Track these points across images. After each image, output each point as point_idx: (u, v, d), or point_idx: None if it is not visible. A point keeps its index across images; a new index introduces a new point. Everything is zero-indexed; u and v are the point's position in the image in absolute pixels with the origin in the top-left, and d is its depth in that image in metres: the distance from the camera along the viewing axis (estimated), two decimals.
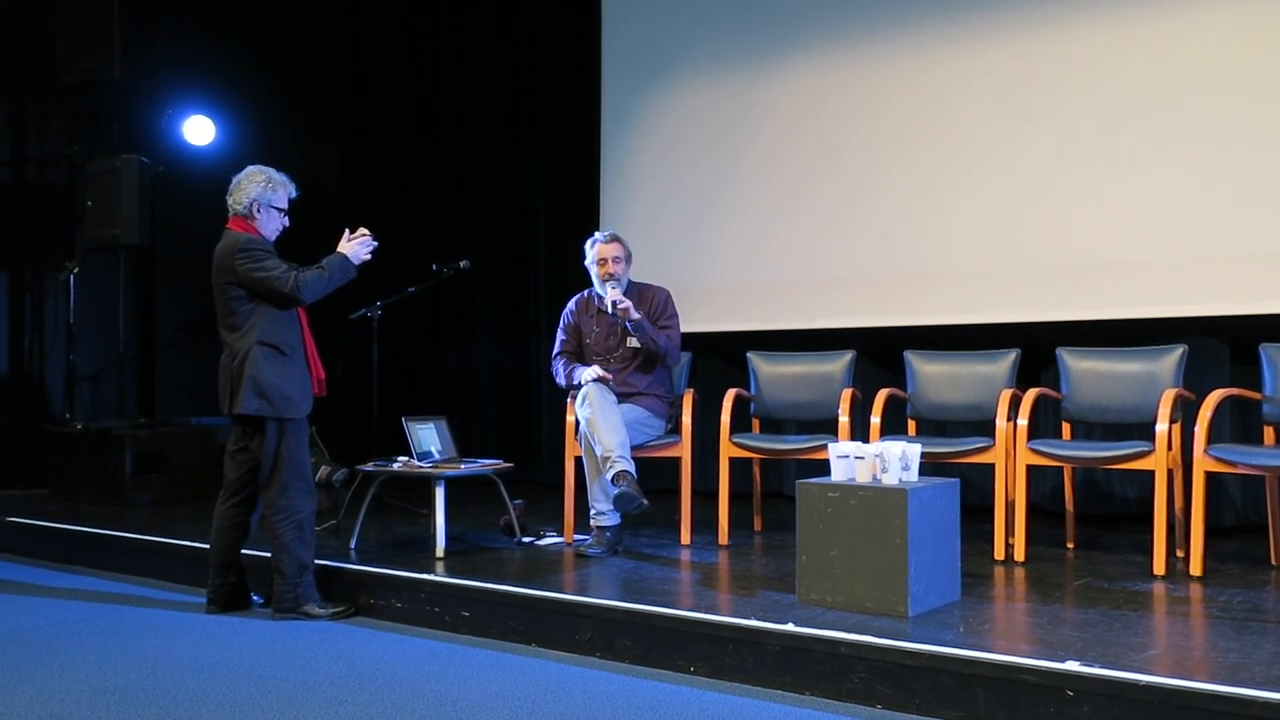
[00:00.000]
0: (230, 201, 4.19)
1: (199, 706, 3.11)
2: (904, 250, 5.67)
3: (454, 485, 4.67)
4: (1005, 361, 4.80)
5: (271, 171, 4.23)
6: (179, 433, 6.65)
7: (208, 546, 4.27)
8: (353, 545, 4.73)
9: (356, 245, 4.23)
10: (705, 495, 5.45)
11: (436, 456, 4.75)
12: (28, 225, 7.19)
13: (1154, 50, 5.03)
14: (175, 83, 7.24)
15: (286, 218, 4.26)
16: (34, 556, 5.55)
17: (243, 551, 4.27)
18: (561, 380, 4.91)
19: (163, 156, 7.06)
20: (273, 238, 4.20)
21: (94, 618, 4.20)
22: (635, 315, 4.75)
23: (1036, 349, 5.21)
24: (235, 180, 4.20)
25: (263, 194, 4.16)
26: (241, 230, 4.13)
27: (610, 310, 4.74)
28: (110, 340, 7.17)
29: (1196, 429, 4.03)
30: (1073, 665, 2.83)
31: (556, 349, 5.00)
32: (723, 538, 4.83)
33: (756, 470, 5.29)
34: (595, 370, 4.74)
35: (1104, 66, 5.15)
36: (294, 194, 4.27)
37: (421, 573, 4.15)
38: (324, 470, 7.24)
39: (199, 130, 7.09)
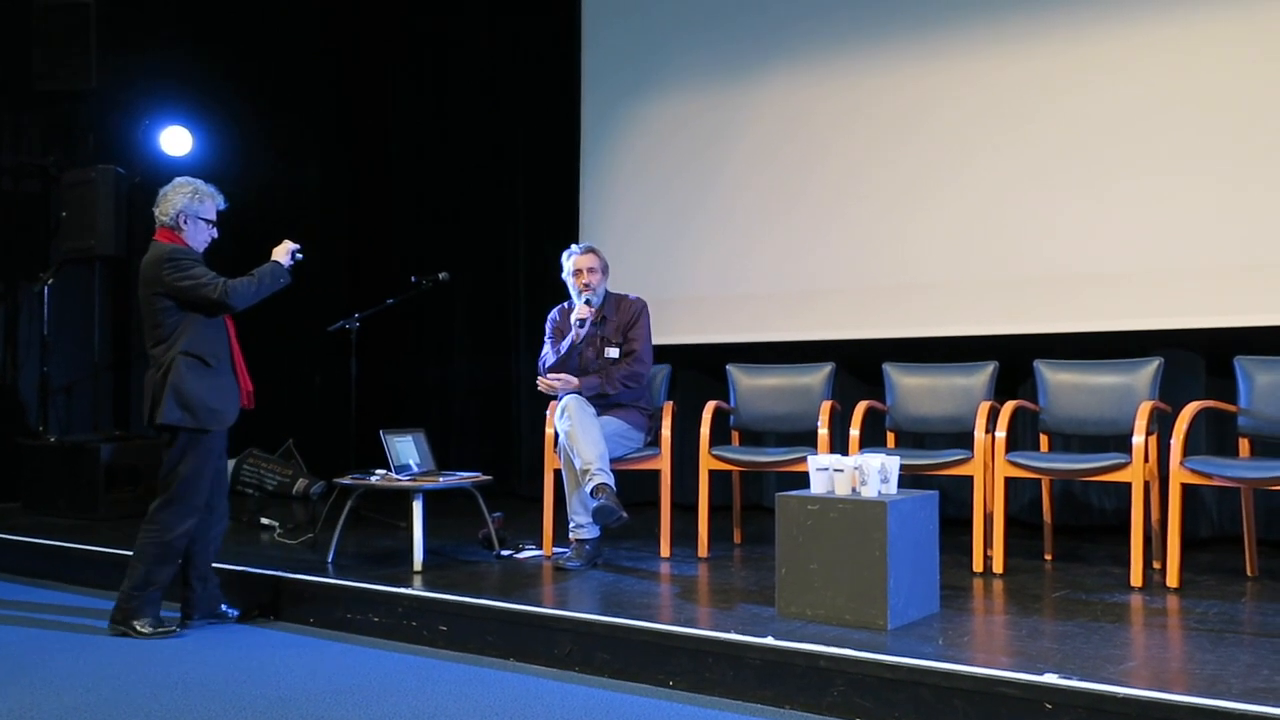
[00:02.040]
0: (156, 213, 4.13)
1: None
2: (883, 262, 5.69)
3: (432, 498, 4.65)
4: (983, 374, 4.82)
5: (199, 183, 4.17)
6: (153, 446, 6.54)
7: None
8: (329, 559, 4.69)
9: (286, 254, 4.20)
10: (685, 508, 5.44)
11: (415, 469, 4.72)
12: (2, 236, 7.12)
13: (1128, 64, 5.07)
14: (152, 94, 7.20)
15: (215, 230, 4.20)
16: (6, 571, 5.47)
17: (212, 565, 4.24)
18: (551, 358, 4.87)
19: (139, 167, 7.01)
20: (200, 249, 4.14)
21: (67, 633, 4.14)
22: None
23: (1014, 361, 5.23)
24: (162, 192, 4.15)
25: (189, 205, 4.10)
26: (168, 242, 4.08)
27: (579, 324, 4.75)
28: (85, 352, 7.11)
29: (1173, 441, 4.05)
30: (1051, 678, 2.83)
31: (544, 351, 4.97)
32: (702, 550, 4.82)
33: (736, 483, 5.28)
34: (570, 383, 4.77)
35: (1079, 80, 5.19)
36: (222, 206, 4.21)
37: (399, 586, 4.12)
38: (301, 483, 7.23)
39: (176, 141, 7.05)
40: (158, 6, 7.41)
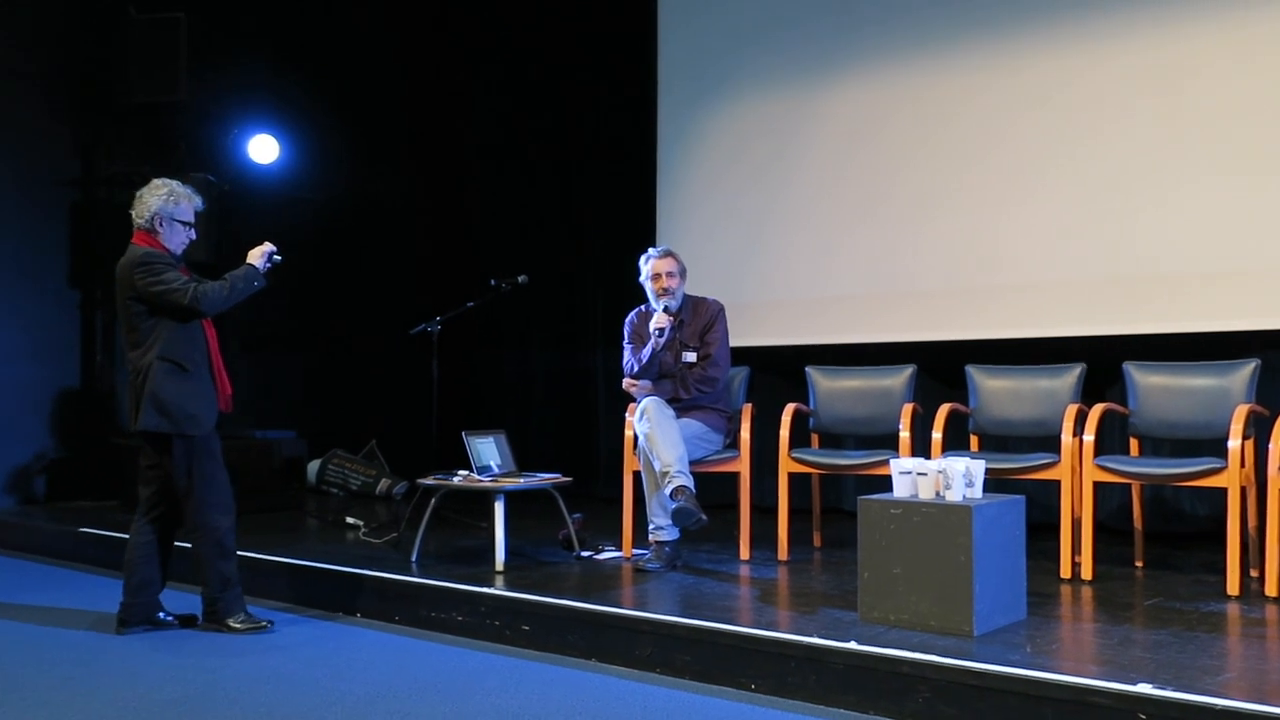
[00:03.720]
0: (133, 215, 4.11)
1: (263, 718, 3.15)
2: (965, 264, 5.60)
3: (513, 499, 4.70)
4: (1070, 376, 4.71)
5: (175, 184, 4.16)
6: (242, 446, 6.73)
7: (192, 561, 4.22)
8: (414, 559, 4.77)
9: (261, 257, 4.16)
10: (764, 510, 5.42)
11: (496, 470, 4.78)
12: (99, 244, 7.36)
13: (1221, 60, 4.93)
14: (240, 104, 7.40)
15: (193, 231, 4.18)
16: (105, 567, 5.65)
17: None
18: (635, 365, 4.88)
19: (229, 175, 7.21)
20: (178, 251, 4.14)
21: (164, 630, 4.25)
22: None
23: (1102, 363, 5.11)
24: (138, 193, 4.13)
25: (164, 206, 4.09)
26: (144, 244, 4.07)
27: (659, 334, 4.76)
28: None
29: (1271, 445, 3.93)
30: (1145, 688, 2.76)
31: (626, 357, 4.99)
32: (782, 553, 4.80)
33: (815, 485, 5.25)
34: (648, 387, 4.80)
35: (1171, 77, 5.05)
36: (200, 206, 4.19)
37: (482, 586, 4.18)
38: (384, 483, 7.36)
39: (263, 149, 7.25)
40: (244, 21, 7.61)
